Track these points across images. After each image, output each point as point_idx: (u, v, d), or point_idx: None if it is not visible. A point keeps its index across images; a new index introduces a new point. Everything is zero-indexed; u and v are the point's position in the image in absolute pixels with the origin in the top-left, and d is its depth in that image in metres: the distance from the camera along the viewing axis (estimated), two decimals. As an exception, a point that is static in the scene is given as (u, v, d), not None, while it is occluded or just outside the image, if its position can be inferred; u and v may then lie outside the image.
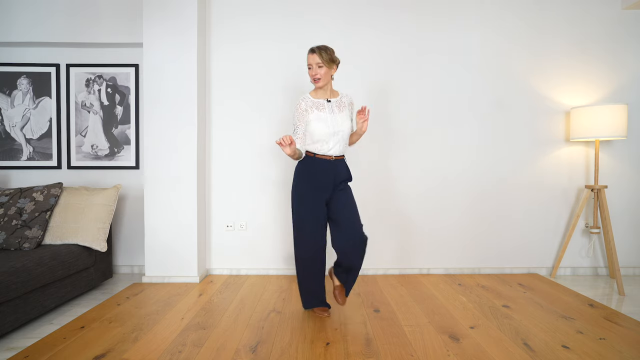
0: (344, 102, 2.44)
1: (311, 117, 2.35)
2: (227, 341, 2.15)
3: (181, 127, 3.20)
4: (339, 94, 2.47)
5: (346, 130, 2.38)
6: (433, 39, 3.43)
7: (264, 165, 3.45)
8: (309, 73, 2.36)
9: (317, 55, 2.31)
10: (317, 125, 2.33)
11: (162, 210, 3.21)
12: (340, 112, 2.40)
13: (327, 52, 2.33)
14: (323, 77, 2.33)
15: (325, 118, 2.34)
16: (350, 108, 2.47)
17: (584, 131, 3.19)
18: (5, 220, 2.78)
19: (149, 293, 2.95)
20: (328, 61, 2.32)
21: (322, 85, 2.37)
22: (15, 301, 2.25)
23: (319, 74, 2.32)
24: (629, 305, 2.76)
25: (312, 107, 2.36)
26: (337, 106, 2.41)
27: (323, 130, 2.33)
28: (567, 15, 3.44)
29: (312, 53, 2.33)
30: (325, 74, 2.34)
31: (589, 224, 3.49)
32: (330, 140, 2.35)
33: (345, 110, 2.42)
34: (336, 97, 2.45)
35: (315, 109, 2.36)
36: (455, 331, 2.28)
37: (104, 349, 2.05)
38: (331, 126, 2.34)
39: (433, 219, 3.48)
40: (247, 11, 3.41)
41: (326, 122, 2.34)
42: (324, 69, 2.32)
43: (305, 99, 2.39)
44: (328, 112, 2.37)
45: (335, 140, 2.36)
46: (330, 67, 2.35)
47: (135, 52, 3.50)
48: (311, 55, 2.33)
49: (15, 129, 3.49)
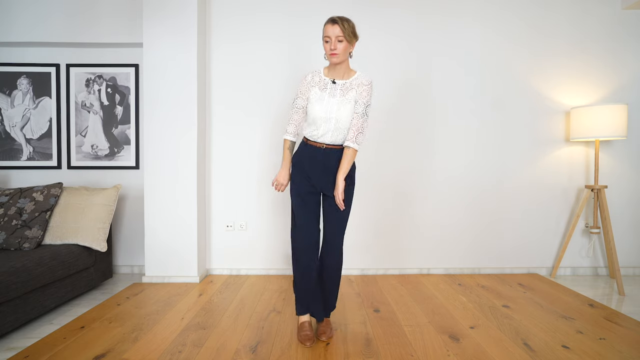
0: (352, 85, 2.11)
1: (311, 95, 2.14)
2: (227, 341, 2.15)
3: (181, 127, 3.20)
4: (355, 75, 2.14)
5: (342, 119, 2.08)
6: (433, 39, 3.43)
7: (264, 165, 3.45)
8: (325, 47, 2.05)
9: (338, 26, 2.00)
10: (313, 106, 2.12)
11: (162, 210, 3.21)
12: (343, 96, 2.10)
13: (349, 23, 2.04)
14: (341, 52, 2.04)
15: (322, 99, 2.11)
16: (359, 90, 2.10)
17: (584, 131, 3.19)
18: (5, 220, 2.78)
19: (149, 293, 2.95)
20: (350, 35, 2.03)
21: (339, 61, 2.07)
22: (15, 301, 2.25)
23: (338, 48, 2.02)
24: (629, 305, 2.76)
25: (316, 84, 2.15)
26: (342, 89, 2.11)
27: (316, 112, 2.10)
28: (567, 15, 3.44)
29: (332, 23, 2.01)
30: (344, 50, 2.05)
31: (589, 224, 3.49)
32: (321, 126, 2.10)
33: (350, 94, 2.10)
34: (349, 78, 2.13)
35: (318, 87, 2.14)
36: (455, 331, 2.28)
37: (104, 349, 2.05)
38: (326, 110, 2.09)
39: (433, 219, 3.48)
40: (247, 11, 3.41)
41: (321, 104, 2.10)
42: (343, 44, 2.03)
43: (314, 73, 2.17)
44: (328, 93, 2.11)
45: (327, 127, 2.10)
46: (351, 42, 2.06)
47: (135, 52, 3.50)
48: (331, 26, 2.01)
49: (15, 129, 3.49)
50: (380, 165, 3.44)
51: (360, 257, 3.46)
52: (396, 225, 3.47)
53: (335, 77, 2.14)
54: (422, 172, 3.46)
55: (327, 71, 2.17)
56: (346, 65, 2.14)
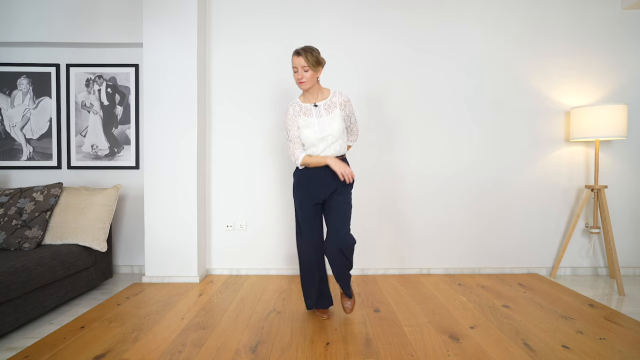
0: (334, 103, 2.33)
1: (300, 123, 2.33)
2: (227, 341, 2.15)
3: (181, 127, 3.20)
4: (330, 93, 2.36)
5: (335, 132, 2.30)
6: (433, 39, 3.43)
7: (264, 165, 3.45)
8: (294, 76, 2.27)
9: (302, 57, 2.22)
10: (305, 132, 2.31)
11: (162, 210, 3.21)
12: (329, 113, 2.31)
13: (312, 54, 2.23)
14: (309, 80, 2.25)
15: (312, 123, 2.31)
16: (342, 107, 2.34)
17: (584, 131, 3.19)
18: (5, 220, 2.78)
19: (149, 293, 2.95)
20: (314, 64, 2.23)
21: (308, 87, 2.28)
22: (15, 301, 2.25)
23: (304, 77, 2.24)
24: (629, 305, 2.76)
25: (299, 113, 2.34)
26: (326, 108, 2.32)
27: (311, 135, 2.30)
28: (567, 15, 3.44)
29: (297, 55, 2.23)
30: (311, 77, 2.26)
31: (589, 224, 3.49)
32: (319, 144, 2.31)
33: (335, 111, 2.32)
34: (326, 97, 2.35)
35: (303, 115, 2.33)
36: (455, 331, 2.28)
37: (104, 349, 2.05)
38: (318, 131, 2.29)
39: (433, 219, 3.48)
40: (247, 11, 3.41)
41: (313, 128, 2.30)
42: (309, 72, 2.24)
43: (293, 105, 2.36)
44: (315, 116, 2.31)
45: (325, 144, 2.31)
46: (316, 70, 2.26)
47: (135, 52, 3.50)
48: (296, 57, 2.23)
49: (15, 129, 3.49)
50: (380, 166, 3.44)
51: (360, 257, 3.45)
52: (396, 225, 3.47)
53: (315, 101, 2.34)
54: (422, 172, 3.46)
55: (304, 98, 2.37)
56: (318, 87, 2.35)
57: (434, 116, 3.45)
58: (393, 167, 3.45)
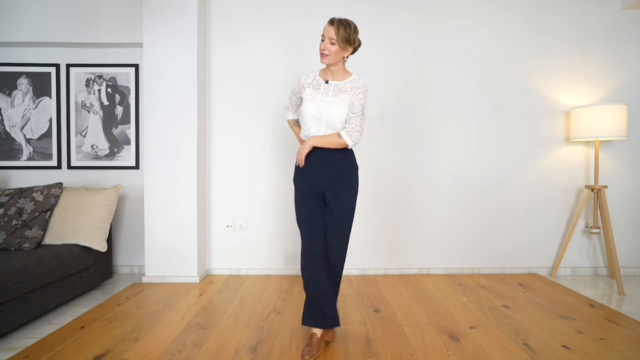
0: (346, 88, 2.07)
1: (304, 95, 2.13)
2: (227, 341, 2.15)
3: (181, 127, 3.20)
4: (350, 77, 2.11)
5: (334, 118, 2.03)
6: (433, 39, 3.43)
7: (264, 164, 3.45)
8: (320, 46, 2.03)
9: (333, 28, 1.97)
10: (304, 105, 2.10)
11: (162, 210, 3.21)
12: (335, 96, 2.06)
13: (345, 29, 1.98)
14: (332, 55, 2.01)
15: (313, 97, 2.08)
16: (354, 92, 2.05)
17: (584, 131, 3.19)
18: (5, 220, 2.78)
19: (149, 293, 2.95)
20: (343, 40, 1.98)
21: (329, 63, 2.04)
22: (15, 301, 2.25)
23: (327, 49, 2.00)
24: (629, 305, 2.76)
25: (309, 84, 2.14)
26: (335, 89, 2.08)
27: (307, 111, 2.07)
28: (567, 15, 3.44)
29: (329, 24, 1.99)
30: (336, 53, 2.01)
31: (589, 224, 3.49)
32: (312, 125, 2.07)
33: (343, 96, 2.05)
34: (344, 79, 2.10)
35: (312, 88, 2.12)
36: (455, 331, 2.28)
37: (104, 349, 2.05)
38: (315, 110, 2.05)
39: (433, 219, 3.48)
40: (247, 11, 3.41)
41: (312, 103, 2.07)
42: (335, 47, 1.99)
43: (308, 75, 2.18)
44: (321, 93, 2.08)
45: (318, 127, 2.06)
46: (344, 48, 2.01)
47: (135, 52, 3.50)
48: (328, 26, 1.99)
49: (15, 129, 3.49)
50: (381, 166, 3.44)
51: (360, 257, 3.46)
52: (396, 225, 3.47)
53: (330, 79, 2.12)
54: (422, 172, 3.46)
55: (322, 73, 2.15)
56: (341, 67, 2.11)
57: (433, 116, 3.45)
58: (393, 167, 3.45)
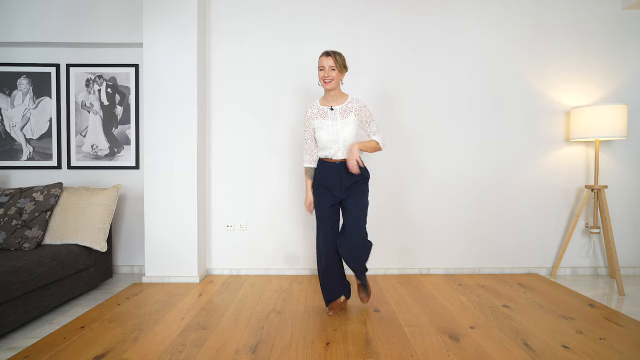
0: (350, 108, 2.45)
1: (316, 125, 2.48)
2: (227, 341, 2.15)
3: (181, 126, 3.20)
4: (348, 99, 2.48)
5: (348, 136, 2.43)
6: (433, 39, 3.43)
7: (264, 165, 3.45)
8: (320, 75, 2.40)
9: (332, 58, 2.36)
10: (319, 134, 2.46)
11: (162, 210, 3.21)
12: (344, 118, 2.44)
13: (340, 56, 2.41)
14: (334, 80, 2.39)
15: (326, 126, 2.45)
16: (357, 113, 2.45)
17: (584, 131, 3.19)
18: (5, 220, 2.78)
19: (149, 293, 2.95)
20: (341, 65, 2.39)
21: (332, 88, 2.41)
22: (16, 301, 2.25)
23: (331, 76, 2.37)
24: (629, 305, 2.76)
25: (317, 115, 2.49)
26: (341, 113, 2.45)
27: (324, 137, 2.44)
28: (567, 15, 3.43)
29: (326, 56, 2.37)
30: (337, 78, 2.40)
31: (589, 224, 3.49)
32: (332, 147, 2.44)
33: (350, 116, 2.44)
34: (344, 101, 2.48)
35: (320, 117, 2.48)
36: (455, 331, 2.28)
37: (104, 349, 2.05)
38: (332, 133, 2.43)
39: (433, 219, 3.48)
40: (247, 10, 3.41)
41: (327, 130, 2.44)
42: (335, 72, 2.38)
43: (312, 107, 2.53)
44: (330, 119, 2.45)
45: (337, 147, 2.44)
46: (342, 72, 2.42)
47: (135, 52, 3.50)
48: (325, 57, 2.37)
49: (15, 129, 3.49)
50: (381, 166, 3.44)
51: (360, 257, 3.46)
52: (396, 225, 3.47)
53: (332, 104, 2.48)
54: (422, 172, 3.46)
55: (323, 100, 2.51)
56: (338, 91, 2.47)
57: (433, 116, 3.45)
58: (393, 168, 3.45)
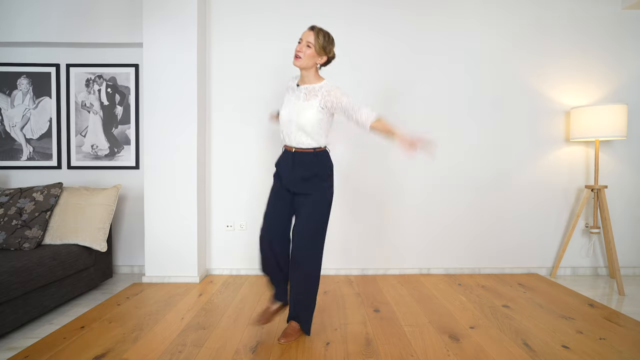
0: (316, 92, 2.12)
1: (284, 98, 2.26)
2: (227, 341, 2.15)
3: (181, 126, 3.20)
4: (321, 82, 2.16)
5: (303, 122, 2.09)
6: (433, 39, 3.43)
7: (264, 164, 3.45)
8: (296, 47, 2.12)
9: (313, 33, 2.07)
10: (281, 110, 2.22)
11: (162, 210, 3.21)
12: (306, 100, 2.12)
13: (324, 37, 2.09)
14: (305, 58, 2.08)
15: (288, 103, 2.19)
16: (323, 97, 2.10)
17: (584, 131, 3.19)
18: (5, 220, 2.78)
19: (149, 293, 2.95)
20: (319, 46, 2.07)
21: (300, 65, 2.10)
22: (16, 301, 2.25)
23: (302, 52, 2.08)
24: (629, 305, 2.76)
25: (287, 89, 2.27)
26: (306, 93, 2.14)
27: (283, 115, 2.18)
28: (567, 15, 3.44)
29: (310, 30, 2.09)
30: (309, 57, 2.09)
31: (589, 224, 3.49)
32: (284, 128, 2.18)
33: (313, 100, 2.11)
34: (315, 84, 2.16)
35: (288, 91, 2.25)
36: (455, 331, 2.28)
37: (104, 349, 2.05)
38: (287, 113, 2.16)
39: (433, 219, 3.48)
40: (247, 10, 3.41)
41: (285, 108, 2.18)
42: (310, 51, 2.07)
43: (292, 79, 2.28)
44: (293, 97, 2.18)
45: (289, 130, 2.14)
46: (319, 54, 2.10)
47: (135, 52, 3.49)
48: (308, 31, 2.09)
49: (15, 129, 3.49)
50: (381, 165, 3.44)
51: (360, 257, 3.46)
52: (396, 225, 3.47)
53: (301, 83, 2.20)
54: (422, 171, 3.46)
55: (300, 78, 2.22)
56: (313, 73, 2.16)
57: (433, 116, 3.45)
58: (393, 167, 3.45)
